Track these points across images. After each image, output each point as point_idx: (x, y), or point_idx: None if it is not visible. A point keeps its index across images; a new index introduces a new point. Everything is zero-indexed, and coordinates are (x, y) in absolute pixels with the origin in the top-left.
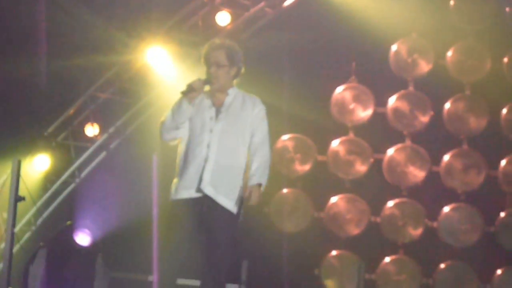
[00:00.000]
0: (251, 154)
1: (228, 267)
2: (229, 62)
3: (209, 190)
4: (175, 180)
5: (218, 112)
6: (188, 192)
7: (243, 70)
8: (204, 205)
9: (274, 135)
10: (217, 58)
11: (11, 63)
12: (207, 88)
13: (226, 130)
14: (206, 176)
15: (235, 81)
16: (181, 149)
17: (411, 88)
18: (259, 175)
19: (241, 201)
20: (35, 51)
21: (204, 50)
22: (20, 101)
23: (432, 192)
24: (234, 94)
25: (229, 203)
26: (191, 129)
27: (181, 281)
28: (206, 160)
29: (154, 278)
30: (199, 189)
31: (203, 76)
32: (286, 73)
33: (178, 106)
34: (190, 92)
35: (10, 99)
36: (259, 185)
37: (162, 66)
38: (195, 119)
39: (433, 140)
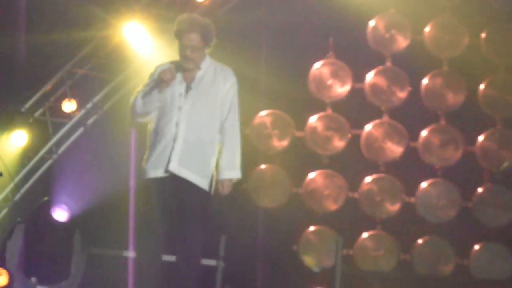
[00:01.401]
0: (221, 138)
1: (203, 243)
2: (204, 42)
3: (178, 170)
4: (145, 158)
5: (188, 88)
6: (156, 172)
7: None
8: (173, 184)
9: (251, 111)
10: (192, 41)
11: None
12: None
13: (196, 107)
14: (175, 157)
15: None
16: (151, 126)
17: (388, 64)
18: (230, 169)
19: (212, 177)
20: (13, 27)
21: (176, 28)
22: None
23: (409, 168)
24: (206, 67)
25: (202, 181)
26: (161, 105)
27: None
28: (174, 139)
29: (132, 254)
30: (166, 170)
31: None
32: (263, 49)
33: (148, 96)
34: (160, 83)
35: None
36: (231, 179)
37: (139, 41)
38: (165, 94)
39: (410, 115)
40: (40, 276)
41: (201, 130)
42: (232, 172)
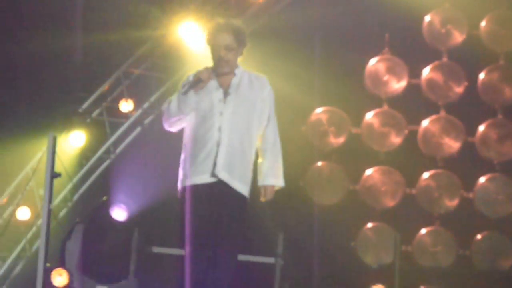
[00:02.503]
0: (263, 145)
1: (238, 252)
2: (238, 43)
3: (223, 175)
4: (184, 166)
5: (226, 93)
6: (201, 178)
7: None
8: (217, 190)
9: (306, 109)
10: (226, 41)
11: (47, 38)
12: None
13: (237, 112)
14: (220, 161)
15: (239, 59)
16: (188, 133)
17: (445, 59)
18: (274, 176)
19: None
20: (71, 26)
21: (209, 31)
22: (56, 77)
23: (467, 163)
24: (240, 74)
25: (244, 188)
26: (199, 112)
27: None
28: (218, 144)
29: (186, 250)
30: (213, 174)
31: None
32: (318, 46)
33: (184, 97)
34: (198, 83)
35: (46, 75)
36: (273, 186)
37: (195, 40)
38: (203, 101)
39: (467, 110)
40: (100, 275)
41: (243, 136)
42: (277, 179)
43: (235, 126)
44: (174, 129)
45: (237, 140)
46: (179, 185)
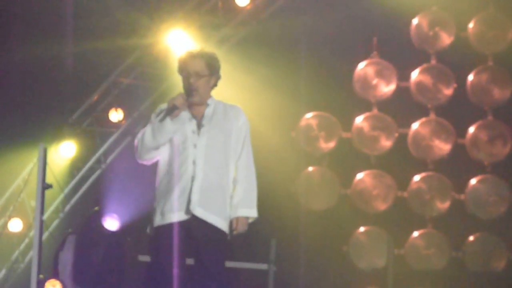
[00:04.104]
0: (236, 178)
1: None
2: (209, 71)
3: (198, 212)
4: (158, 203)
5: (199, 124)
6: (176, 215)
7: (220, 79)
8: (193, 227)
9: (295, 114)
10: (197, 67)
11: (37, 47)
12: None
13: (211, 144)
14: (195, 197)
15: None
16: (161, 167)
17: (433, 62)
18: (247, 207)
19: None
20: (61, 34)
21: (181, 59)
22: (46, 87)
23: (458, 165)
24: (213, 104)
25: (221, 222)
26: (172, 144)
27: None
28: (193, 179)
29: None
30: (187, 211)
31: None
32: (306, 51)
33: (160, 126)
34: (174, 110)
35: (36, 85)
36: (247, 217)
37: (183, 48)
38: (176, 133)
39: (457, 112)
40: (93, 286)
41: (219, 168)
42: (250, 210)
43: (210, 159)
44: (147, 162)
45: (213, 173)
46: (153, 223)
